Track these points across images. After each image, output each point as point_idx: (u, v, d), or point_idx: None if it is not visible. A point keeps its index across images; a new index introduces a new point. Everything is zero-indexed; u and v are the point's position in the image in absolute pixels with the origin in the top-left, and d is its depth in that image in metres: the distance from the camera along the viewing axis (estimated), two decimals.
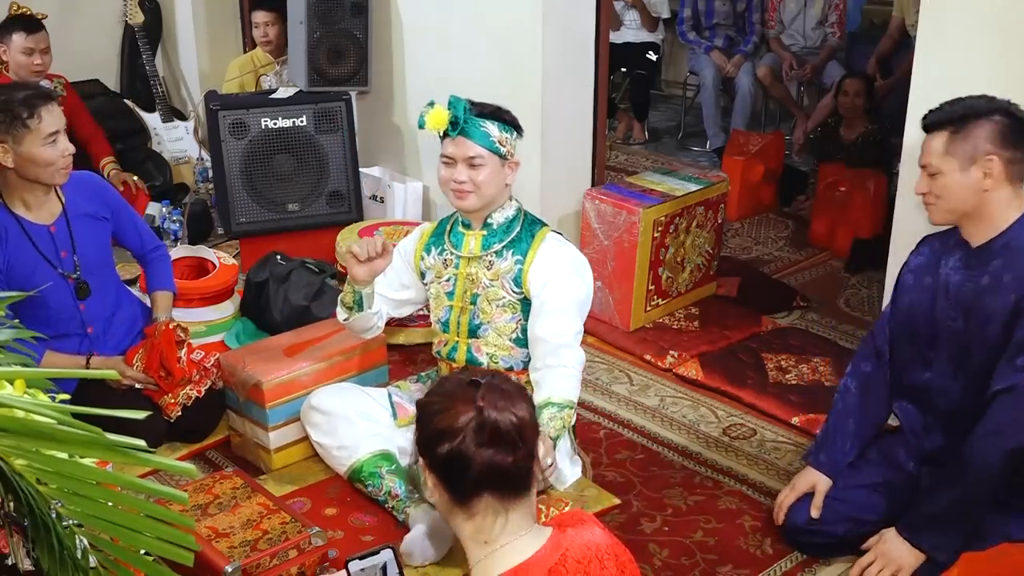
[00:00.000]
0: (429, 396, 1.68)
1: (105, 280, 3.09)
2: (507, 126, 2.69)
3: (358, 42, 4.21)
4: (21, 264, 2.89)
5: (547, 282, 2.70)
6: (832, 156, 4.88)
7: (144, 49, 5.10)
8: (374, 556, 1.96)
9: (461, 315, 2.81)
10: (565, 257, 2.75)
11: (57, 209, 2.97)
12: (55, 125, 2.81)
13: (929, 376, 2.50)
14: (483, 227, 2.78)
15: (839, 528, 2.58)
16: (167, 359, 2.98)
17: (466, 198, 2.69)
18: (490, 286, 2.77)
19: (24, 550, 1.49)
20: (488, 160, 2.66)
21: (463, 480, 1.58)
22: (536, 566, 1.58)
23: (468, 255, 2.79)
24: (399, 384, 3.01)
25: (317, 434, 2.88)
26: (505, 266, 2.75)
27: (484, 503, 1.59)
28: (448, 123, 2.63)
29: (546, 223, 2.85)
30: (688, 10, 6.10)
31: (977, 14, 2.66)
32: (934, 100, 2.78)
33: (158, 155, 4.97)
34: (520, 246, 2.75)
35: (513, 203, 2.80)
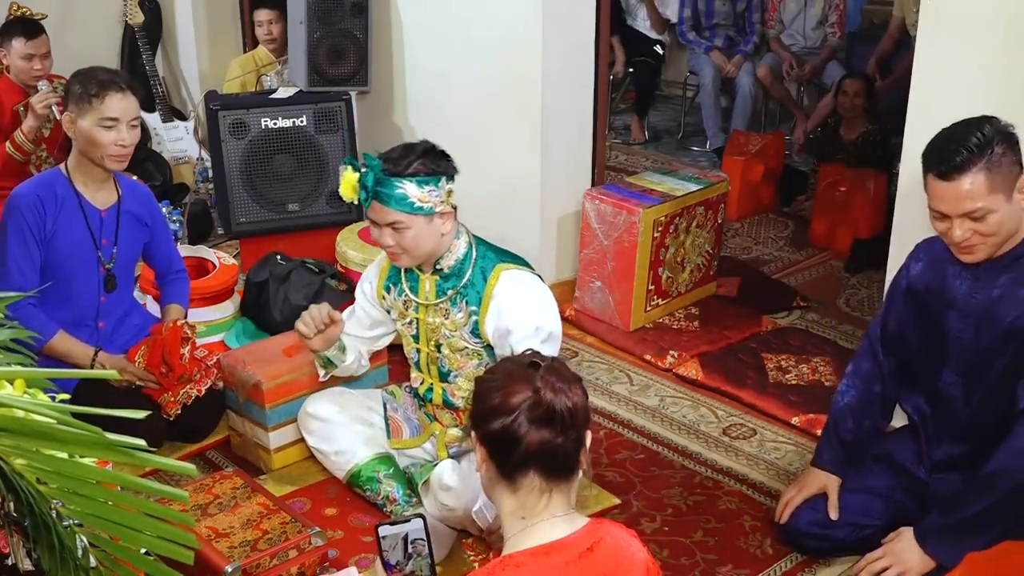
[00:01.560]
0: (488, 373, 1.77)
1: (127, 282, 3.16)
2: (428, 178, 2.47)
3: (358, 42, 4.21)
4: (67, 237, 2.94)
5: (508, 331, 2.54)
6: (832, 156, 4.88)
7: (144, 49, 5.10)
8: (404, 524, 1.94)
9: (429, 360, 2.73)
10: (523, 300, 2.56)
11: (113, 198, 3.04)
12: (118, 112, 2.87)
13: (941, 384, 2.47)
14: (434, 272, 2.63)
15: (840, 532, 2.57)
16: (170, 354, 2.98)
17: (399, 259, 2.57)
18: (451, 336, 2.65)
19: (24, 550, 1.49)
20: (410, 222, 2.48)
21: (512, 456, 1.65)
22: (570, 546, 1.63)
23: (425, 302, 2.66)
24: (392, 390, 2.95)
25: (314, 440, 2.88)
26: (460, 317, 2.61)
27: (529, 480, 1.66)
28: (357, 192, 2.47)
29: (502, 254, 2.65)
30: (688, 10, 6.11)
31: (977, 14, 2.66)
32: (934, 100, 2.79)
33: (158, 155, 4.96)
34: (472, 293, 2.59)
35: (461, 240, 2.61)
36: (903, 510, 2.54)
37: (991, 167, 2.18)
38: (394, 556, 1.94)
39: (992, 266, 2.35)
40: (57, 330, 2.94)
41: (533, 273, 2.66)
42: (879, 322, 2.63)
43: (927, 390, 2.53)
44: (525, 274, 2.63)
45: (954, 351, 2.43)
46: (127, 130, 2.90)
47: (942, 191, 2.21)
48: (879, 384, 2.62)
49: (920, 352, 2.53)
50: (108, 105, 2.86)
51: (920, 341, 2.51)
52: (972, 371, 2.41)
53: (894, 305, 2.58)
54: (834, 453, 2.63)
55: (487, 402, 1.68)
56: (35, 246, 2.90)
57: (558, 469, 1.67)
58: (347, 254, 3.76)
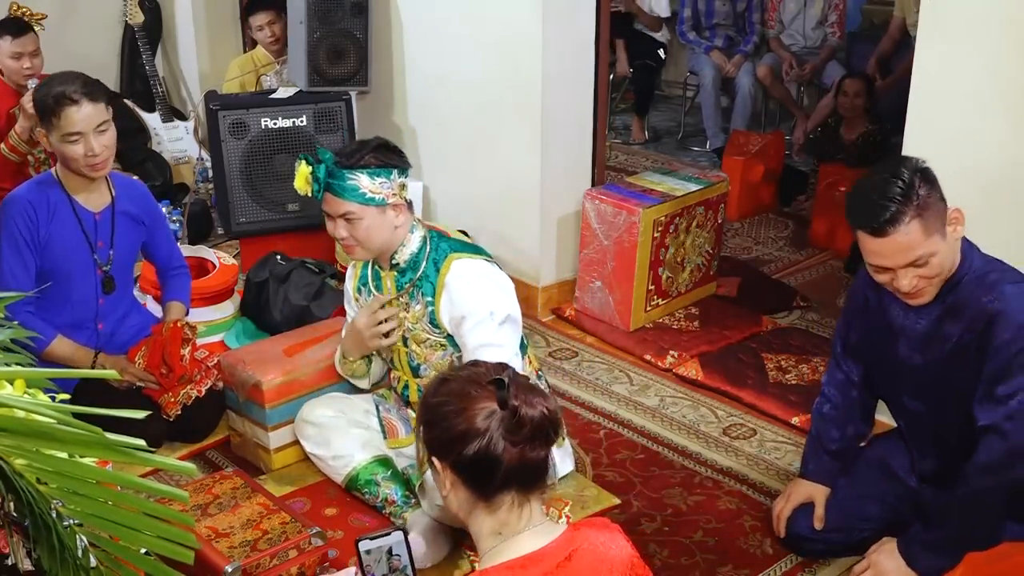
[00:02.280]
0: (437, 395, 1.63)
1: (125, 282, 3.15)
2: (380, 170, 2.53)
3: (358, 42, 4.21)
4: (61, 242, 2.93)
5: (462, 317, 2.57)
6: (832, 156, 4.88)
7: (144, 49, 5.10)
8: (385, 538, 1.96)
9: (399, 355, 2.77)
10: (473, 285, 2.59)
11: (106, 200, 3.02)
12: (79, 126, 2.81)
13: (911, 406, 2.47)
14: (391, 267, 2.68)
15: (837, 536, 2.58)
16: (170, 355, 2.99)
17: (353, 252, 2.63)
18: (413, 329, 2.69)
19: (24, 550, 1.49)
20: (363, 213, 2.54)
21: (492, 478, 1.58)
22: (547, 557, 1.58)
23: (388, 297, 2.71)
24: (383, 393, 2.95)
25: (311, 446, 2.88)
26: (418, 309, 2.66)
27: (508, 499, 1.60)
28: (310, 184, 2.54)
29: (455, 244, 2.67)
30: (688, 10, 6.11)
31: (977, 14, 2.66)
32: (934, 100, 2.79)
33: (158, 155, 4.97)
34: (427, 284, 2.64)
35: (416, 235, 2.66)
36: (898, 514, 2.54)
37: (921, 211, 2.13)
38: (379, 570, 1.94)
39: None
40: (56, 335, 2.94)
41: (488, 261, 2.68)
42: (838, 338, 2.62)
43: (896, 408, 2.54)
44: (476, 261, 2.64)
45: (908, 377, 2.41)
46: (95, 138, 2.84)
47: (880, 247, 2.17)
48: (855, 390, 2.61)
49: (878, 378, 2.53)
50: (66, 120, 2.80)
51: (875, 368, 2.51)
52: (929, 395, 2.39)
53: (854, 321, 2.55)
54: (819, 463, 2.63)
55: (451, 427, 1.58)
56: (29, 252, 2.89)
57: (536, 480, 1.62)
58: None
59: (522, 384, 1.61)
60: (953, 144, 2.76)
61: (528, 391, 1.59)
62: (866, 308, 2.48)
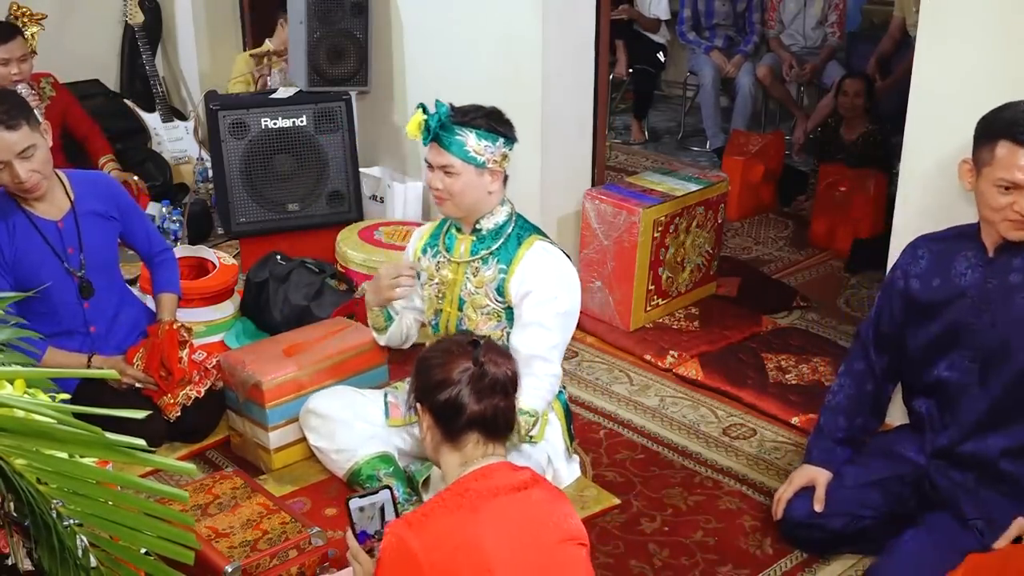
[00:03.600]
0: (428, 352, 2.01)
1: (109, 280, 3.09)
2: (488, 134, 2.62)
3: (358, 42, 4.21)
4: (29, 258, 2.89)
5: (528, 292, 2.65)
6: (832, 156, 4.88)
7: (144, 49, 5.10)
8: (375, 495, 2.02)
9: (449, 320, 2.79)
10: (550, 268, 2.67)
11: (65, 205, 2.97)
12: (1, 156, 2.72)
13: (948, 374, 2.47)
14: (472, 232, 2.74)
15: (837, 522, 2.57)
16: (168, 359, 2.98)
17: (443, 204, 2.69)
18: (475, 293, 2.73)
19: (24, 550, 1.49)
20: (462, 169, 2.61)
21: (458, 420, 1.93)
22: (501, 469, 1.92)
23: (458, 259, 2.75)
24: (396, 385, 3.00)
25: (315, 438, 2.88)
26: (489, 274, 2.71)
27: (472, 440, 1.95)
28: (421, 131, 2.62)
29: (539, 231, 2.78)
30: (688, 10, 6.11)
31: (977, 14, 2.66)
32: (934, 100, 2.80)
33: (158, 155, 4.96)
34: (505, 254, 2.70)
35: (504, 208, 2.74)
36: (900, 501, 2.55)
37: None
38: (372, 527, 2.01)
39: (1005, 249, 2.35)
40: (46, 349, 2.90)
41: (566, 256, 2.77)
42: (871, 323, 2.63)
43: (930, 384, 2.53)
44: (558, 252, 2.74)
45: (968, 339, 2.41)
46: (19, 164, 2.75)
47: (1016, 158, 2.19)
48: (871, 383, 2.63)
49: (924, 346, 2.52)
50: None
51: (924, 337, 2.50)
52: (990, 358, 2.39)
53: (888, 305, 2.58)
54: (823, 449, 2.64)
55: (432, 377, 1.95)
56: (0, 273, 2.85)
57: (497, 430, 1.96)
58: (347, 254, 3.76)
59: (492, 347, 1.98)
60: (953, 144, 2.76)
61: (496, 353, 1.97)
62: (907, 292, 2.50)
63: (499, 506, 1.85)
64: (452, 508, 1.84)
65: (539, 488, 1.92)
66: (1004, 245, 2.35)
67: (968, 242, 2.43)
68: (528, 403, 2.58)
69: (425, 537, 1.79)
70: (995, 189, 2.26)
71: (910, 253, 2.54)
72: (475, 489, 1.87)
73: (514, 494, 1.88)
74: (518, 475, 1.92)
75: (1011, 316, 2.35)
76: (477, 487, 1.87)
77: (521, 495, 1.88)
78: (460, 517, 1.82)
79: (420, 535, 1.80)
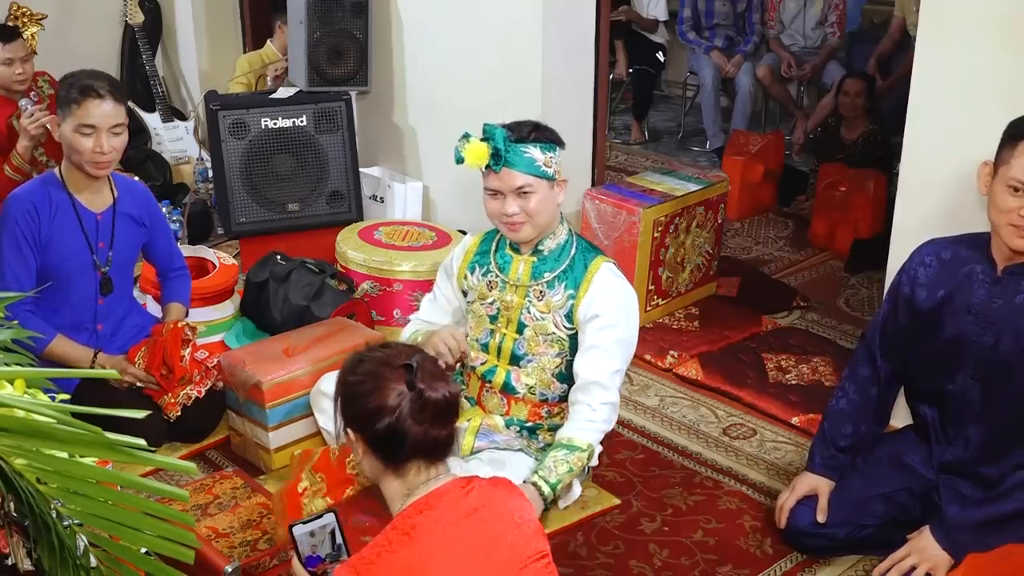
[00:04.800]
0: (351, 375, 1.84)
1: (125, 283, 3.15)
2: (549, 144, 2.55)
3: (358, 42, 4.21)
4: (63, 241, 2.94)
5: (595, 316, 2.57)
6: (832, 156, 4.88)
7: (144, 49, 5.10)
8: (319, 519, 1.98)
9: (504, 341, 2.69)
10: (618, 294, 2.61)
11: (108, 201, 3.03)
12: (95, 119, 2.84)
13: (951, 388, 2.45)
14: (533, 253, 2.65)
15: (840, 531, 2.57)
16: (170, 356, 2.98)
17: (520, 229, 2.57)
18: (540, 319, 2.64)
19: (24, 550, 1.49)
20: (537, 186, 2.53)
21: (398, 450, 1.79)
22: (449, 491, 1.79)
23: (516, 282, 2.66)
24: None
25: (324, 419, 2.85)
26: (557, 300, 2.62)
27: (415, 466, 1.81)
28: (489, 157, 2.50)
29: (600, 251, 2.72)
30: (688, 10, 6.11)
31: (977, 14, 2.66)
32: (934, 100, 2.80)
33: (158, 155, 4.96)
34: (573, 277, 2.62)
35: (564, 227, 2.67)
36: (903, 510, 2.54)
37: None
38: (323, 550, 1.99)
39: (1015, 271, 2.33)
40: (55, 335, 2.93)
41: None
42: (877, 327, 2.61)
43: (934, 393, 2.51)
44: (621, 273, 2.67)
45: (971, 356, 2.40)
46: (106, 138, 2.86)
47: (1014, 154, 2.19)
48: (876, 388, 2.61)
49: (927, 357, 2.50)
50: (86, 111, 2.83)
51: (927, 346, 2.48)
52: (991, 378, 2.38)
53: (894, 312, 2.55)
54: (826, 457, 2.63)
55: (365, 404, 1.79)
56: (30, 252, 2.89)
57: (439, 452, 1.83)
58: (347, 254, 3.76)
59: (428, 369, 1.81)
60: (953, 144, 2.76)
61: (432, 376, 1.80)
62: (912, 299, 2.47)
63: (449, 539, 1.75)
64: (398, 548, 1.73)
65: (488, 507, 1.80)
66: (1014, 266, 2.33)
67: (978, 255, 2.39)
68: (583, 438, 2.51)
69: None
70: (1007, 190, 2.24)
71: (918, 259, 2.50)
72: (421, 525, 1.75)
73: (463, 522, 1.77)
74: (466, 498, 1.80)
75: (1014, 337, 2.32)
76: (423, 522, 1.75)
77: (471, 521, 1.77)
78: (407, 558, 1.72)
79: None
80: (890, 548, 2.49)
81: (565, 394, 2.69)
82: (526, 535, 1.81)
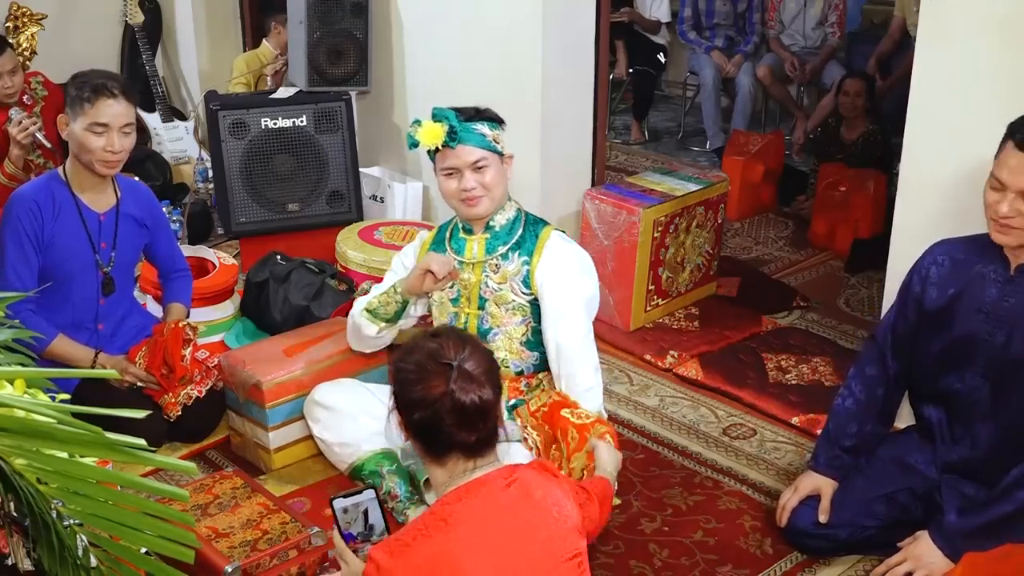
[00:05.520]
0: (403, 361, 1.92)
1: (126, 283, 3.16)
2: (494, 123, 2.70)
3: (358, 42, 4.21)
4: (64, 241, 2.94)
5: (554, 281, 2.69)
6: (832, 156, 4.88)
7: (144, 49, 5.10)
8: (359, 495, 2.03)
9: (468, 320, 2.79)
10: (571, 256, 2.74)
11: (111, 201, 3.04)
12: (108, 118, 2.85)
13: (959, 387, 2.45)
14: (485, 230, 2.77)
15: (842, 532, 2.57)
16: (172, 355, 2.99)
17: (478, 203, 2.68)
18: (499, 290, 2.75)
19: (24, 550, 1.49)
20: (491, 160, 2.67)
21: (435, 443, 1.87)
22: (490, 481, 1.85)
23: (472, 260, 2.77)
24: None
25: (319, 430, 2.88)
26: (512, 268, 2.73)
27: (453, 459, 1.88)
28: (445, 135, 2.62)
29: (548, 222, 2.84)
30: (688, 10, 6.11)
31: (977, 14, 2.66)
32: (934, 100, 2.80)
33: (158, 155, 4.96)
34: (525, 246, 2.74)
35: (513, 204, 2.80)
36: (905, 511, 2.54)
37: None
38: (355, 528, 2.03)
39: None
40: (57, 334, 2.94)
41: None
42: (888, 327, 2.60)
43: (941, 393, 2.51)
44: (572, 240, 2.82)
45: (981, 355, 2.40)
46: (118, 137, 2.88)
47: (1015, 162, 2.22)
48: (882, 388, 2.60)
49: (935, 356, 2.49)
50: (98, 110, 2.85)
51: (937, 345, 2.48)
52: (1001, 377, 2.37)
53: (904, 311, 2.55)
54: (831, 457, 2.62)
55: (408, 393, 1.87)
56: (32, 252, 2.90)
57: (479, 450, 1.87)
58: (347, 254, 3.76)
59: (465, 371, 1.84)
60: (953, 144, 2.76)
61: (468, 379, 1.84)
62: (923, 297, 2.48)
63: (483, 531, 1.79)
64: (434, 533, 1.78)
65: (527, 501, 1.84)
66: None
67: (991, 255, 2.39)
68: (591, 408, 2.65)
69: (407, 566, 1.75)
70: (990, 185, 2.29)
71: (930, 258, 2.50)
72: (458, 513, 1.80)
73: (500, 514, 1.81)
74: (506, 491, 1.84)
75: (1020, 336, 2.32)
76: (460, 510, 1.80)
77: (508, 514, 1.82)
78: (441, 544, 1.76)
79: (401, 564, 1.76)
80: (891, 550, 2.49)
81: (539, 364, 2.78)
82: (561, 533, 1.86)
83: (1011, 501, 2.31)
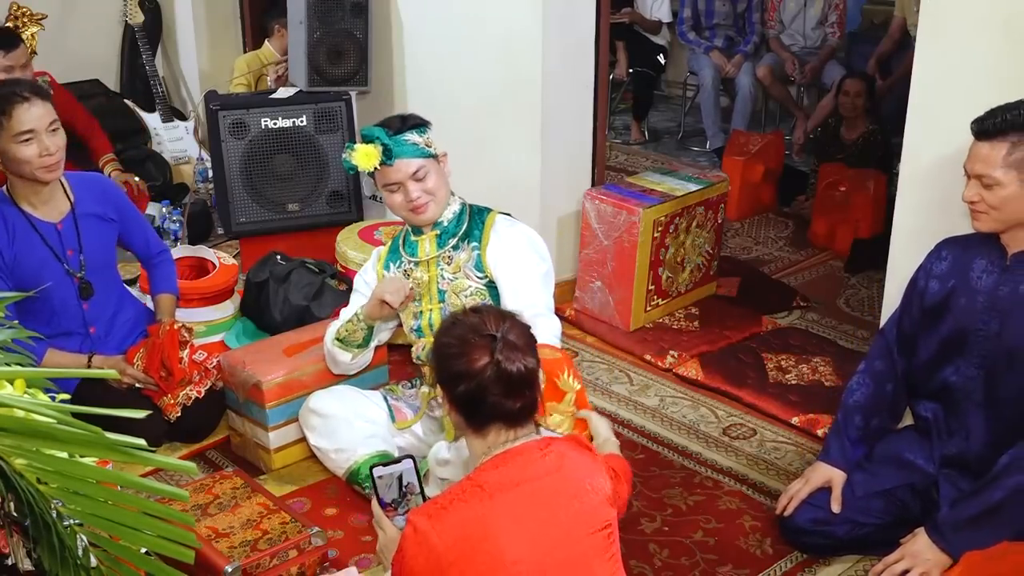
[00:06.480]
0: (445, 336, 1.95)
1: (108, 281, 3.09)
2: (421, 128, 2.72)
3: (358, 42, 4.21)
4: (29, 260, 2.88)
5: (506, 261, 2.74)
6: (832, 156, 4.88)
7: (144, 49, 5.10)
8: (396, 465, 2.11)
9: (432, 315, 2.81)
10: (518, 235, 2.79)
11: (65, 207, 2.97)
12: (30, 124, 2.76)
13: (955, 379, 2.46)
14: (434, 227, 2.79)
15: (839, 530, 2.57)
16: (169, 359, 2.97)
17: (427, 209, 2.72)
18: (454, 279, 2.78)
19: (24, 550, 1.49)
20: (429, 165, 2.70)
21: (477, 414, 1.91)
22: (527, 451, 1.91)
23: (426, 258, 2.80)
24: (392, 388, 3.00)
25: (315, 437, 2.89)
26: (463, 256, 2.78)
27: (495, 430, 1.92)
28: (381, 154, 2.65)
29: (491, 208, 2.86)
30: (688, 10, 6.11)
31: (977, 14, 2.66)
32: (934, 100, 2.79)
33: (158, 155, 4.96)
34: (474, 234, 2.79)
35: (456, 198, 2.82)
36: (903, 509, 2.54)
37: (1018, 143, 2.23)
38: (389, 495, 2.09)
39: (1021, 259, 2.35)
40: (45, 351, 2.89)
41: None
42: (894, 324, 2.62)
43: (936, 387, 2.52)
44: (518, 221, 2.87)
45: (975, 345, 2.41)
46: (48, 138, 2.79)
47: (973, 149, 2.31)
48: (891, 384, 2.61)
49: (933, 350, 2.51)
50: (18, 119, 2.75)
51: (935, 339, 2.49)
52: (995, 366, 2.39)
53: (909, 306, 2.57)
54: (842, 449, 2.62)
55: (450, 367, 1.91)
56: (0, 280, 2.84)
57: (520, 420, 1.93)
58: (347, 254, 3.76)
59: (509, 342, 1.89)
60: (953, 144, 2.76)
61: (512, 349, 1.89)
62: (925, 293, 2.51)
63: (517, 500, 1.84)
64: (470, 498, 1.84)
65: (560, 472, 1.90)
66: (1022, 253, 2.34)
67: (990, 245, 2.42)
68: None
69: (443, 529, 1.81)
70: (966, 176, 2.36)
71: (935, 254, 2.53)
72: (494, 481, 1.86)
73: (534, 483, 1.86)
74: (542, 460, 1.90)
75: (1020, 324, 2.33)
76: (496, 478, 1.86)
77: (540, 484, 1.87)
78: (476, 510, 1.83)
79: (438, 527, 1.81)
80: (891, 548, 2.48)
81: None
82: (593, 504, 1.90)
83: (999, 488, 2.31)
